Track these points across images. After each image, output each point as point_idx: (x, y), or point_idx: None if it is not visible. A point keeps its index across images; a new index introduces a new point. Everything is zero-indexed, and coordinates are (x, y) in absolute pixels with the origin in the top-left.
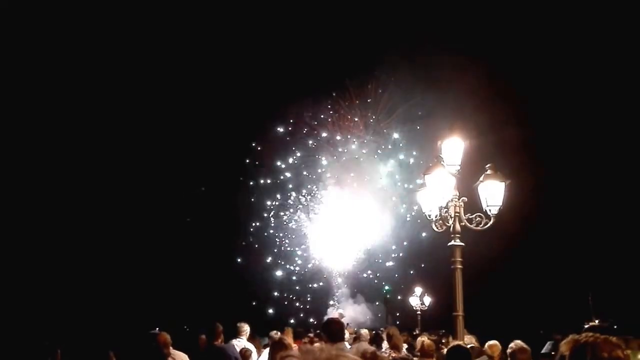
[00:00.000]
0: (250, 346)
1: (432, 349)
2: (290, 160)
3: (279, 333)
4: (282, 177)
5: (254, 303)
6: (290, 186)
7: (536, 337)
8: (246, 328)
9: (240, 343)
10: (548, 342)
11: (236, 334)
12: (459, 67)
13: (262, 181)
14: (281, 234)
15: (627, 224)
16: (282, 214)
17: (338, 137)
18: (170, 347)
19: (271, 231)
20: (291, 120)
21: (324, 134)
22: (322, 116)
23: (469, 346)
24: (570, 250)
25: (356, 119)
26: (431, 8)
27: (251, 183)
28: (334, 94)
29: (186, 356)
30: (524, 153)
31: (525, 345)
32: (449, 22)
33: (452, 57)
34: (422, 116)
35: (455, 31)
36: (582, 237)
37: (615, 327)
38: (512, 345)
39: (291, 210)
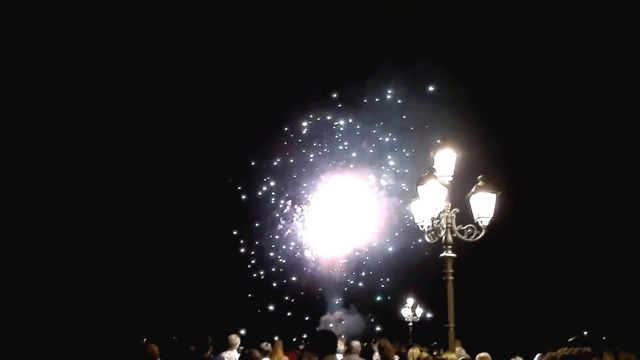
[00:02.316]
0: None
1: None
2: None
3: (269, 345)
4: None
5: (245, 312)
6: (287, 195)
7: (528, 349)
8: (237, 340)
9: (231, 356)
10: (538, 354)
11: (226, 346)
12: (452, 79)
13: (259, 193)
14: (275, 244)
15: (620, 234)
16: (274, 223)
17: (329, 146)
18: (159, 359)
19: (266, 240)
20: (285, 129)
21: (317, 144)
22: (316, 125)
23: (460, 358)
24: (562, 262)
25: (342, 129)
26: (424, 22)
27: (244, 197)
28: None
29: None
30: (516, 165)
31: None
32: (442, 35)
33: (446, 69)
34: (416, 127)
35: (448, 44)
36: (574, 248)
37: (604, 338)
38: None
39: (286, 219)
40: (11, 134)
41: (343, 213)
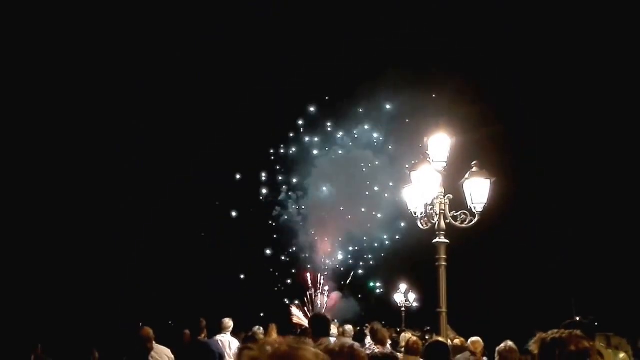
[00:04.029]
0: (234, 341)
1: (417, 346)
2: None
3: (261, 328)
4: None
5: (238, 298)
6: (282, 179)
7: (518, 334)
8: (230, 324)
9: (225, 338)
10: (530, 338)
11: (220, 329)
12: (446, 64)
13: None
14: (272, 230)
15: (612, 221)
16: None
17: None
18: (153, 342)
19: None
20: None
21: (311, 131)
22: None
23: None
24: (554, 247)
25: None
26: (419, 11)
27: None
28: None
29: (169, 350)
30: (510, 150)
31: (514, 346)
32: (437, 20)
33: (440, 54)
34: (410, 112)
35: (443, 29)
36: (567, 234)
37: (596, 323)
38: (502, 345)
39: (282, 205)
40: (11, 134)
41: (338, 199)
